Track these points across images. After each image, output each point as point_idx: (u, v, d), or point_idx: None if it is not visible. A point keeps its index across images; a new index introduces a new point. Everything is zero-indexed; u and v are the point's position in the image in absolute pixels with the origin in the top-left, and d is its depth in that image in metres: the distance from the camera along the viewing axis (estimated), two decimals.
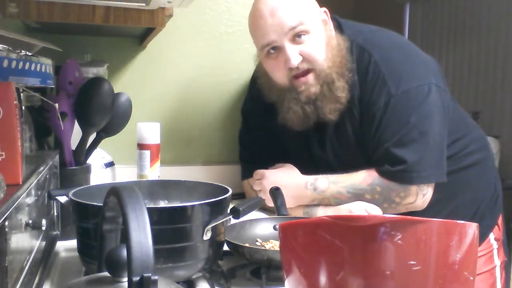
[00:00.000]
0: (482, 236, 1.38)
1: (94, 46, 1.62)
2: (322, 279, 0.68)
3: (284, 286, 0.75)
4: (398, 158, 1.26)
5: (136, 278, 0.49)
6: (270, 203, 1.30)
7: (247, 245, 1.02)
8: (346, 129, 1.33)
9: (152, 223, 0.52)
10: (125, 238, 0.51)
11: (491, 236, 1.44)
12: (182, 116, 1.72)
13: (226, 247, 0.99)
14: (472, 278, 0.69)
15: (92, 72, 1.45)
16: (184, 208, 0.88)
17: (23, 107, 0.98)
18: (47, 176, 1.02)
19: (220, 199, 0.91)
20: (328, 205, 1.32)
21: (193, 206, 0.88)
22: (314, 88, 1.28)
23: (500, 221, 1.48)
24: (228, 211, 0.92)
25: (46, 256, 0.98)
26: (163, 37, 1.62)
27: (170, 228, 0.85)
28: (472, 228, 0.69)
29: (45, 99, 1.11)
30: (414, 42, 1.41)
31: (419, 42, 3.77)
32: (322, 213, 1.31)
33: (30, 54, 1.01)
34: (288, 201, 1.29)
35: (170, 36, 1.66)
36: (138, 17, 1.24)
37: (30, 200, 0.84)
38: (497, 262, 1.44)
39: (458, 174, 1.35)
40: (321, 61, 1.27)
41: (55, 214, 1.10)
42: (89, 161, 1.23)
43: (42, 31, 1.49)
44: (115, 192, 0.56)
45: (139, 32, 1.53)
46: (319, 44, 1.27)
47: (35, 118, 1.10)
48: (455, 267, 0.67)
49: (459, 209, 1.39)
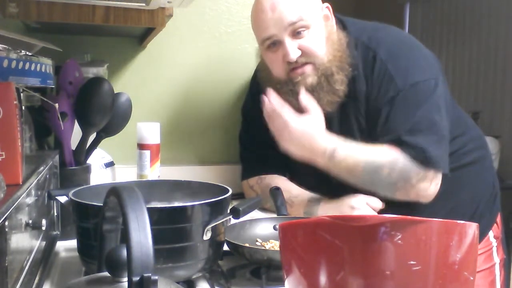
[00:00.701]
0: (481, 234, 1.38)
1: (94, 46, 1.62)
2: (322, 279, 0.68)
3: (284, 286, 0.75)
4: (411, 144, 1.25)
5: (136, 278, 0.49)
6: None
7: (247, 245, 1.02)
8: (351, 125, 1.33)
9: (152, 223, 0.52)
10: (125, 238, 0.51)
11: (491, 234, 1.45)
12: (182, 116, 1.72)
13: (226, 247, 0.99)
14: (472, 278, 0.69)
15: (92, 72, 1.45)
16: (184, 208, 0.88)
17: (23, 107, 0.98)
18: (47, 176, 1.02)
19: (220, 199, 0.91)
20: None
21: (193, 206, 0.88)
22: (310, 78, 1.28)
23: (499, 219, 1.49)
24: (228, 211, 0.92)
25: (46, 256, 0.98)
26: (163, 37, 1.62)
27: (170, 228, 0.85)
28: (472, 228, 0.69)
29: (45, 99, 1.11)
30: None
31: (419, 42, 3.76)
32: (323, 212, 1.31)
33: (30, 54, 1.01)
34: (298, 154, 1.28)
35: (170, 36, 1.66)
36: (138, 17, 1.24)
37: (30, 200, 0.84)
38: (496, 259, 1.46)
39: (457, 172, 1.35)
40: (320, 55, 1.28)
41: (55, 214, 1.10)
42: (89, 161, 1.23)
43: (42, 31, 1.49)
44: (115, 192, 0.56)
45: (139, 32, 1.53)
46: (319, 39, 1.28)
47: (35, 118, 1.10)
48: (455, 267, 0.67)
49: (459, 207, 1.39)
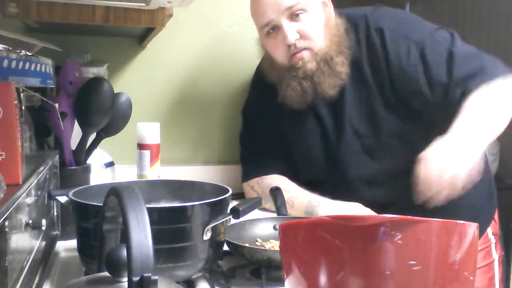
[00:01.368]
0: (480, 230, 1.38)
1: (94, 46, 1.62)
2: (322, 279, 0.68)
3: (284, 286, 0.75)
4: (472, 71, 1.27)
5: (136, 278, 0.49)
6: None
7: (247, 245, 1.02)
8: (375, 104, 1.34)
9: (152, 223, 0.52)
10: (125, 238, 0.51)
11: (489, 230, 1.46)
12: (182, 116, 1.72)
13: (226, 247, 0.99)
14: (472, 278, 0.69)
15: (92, 72, 1.45)
16: (184, 208, 0.88)
17: (23, 107, 0.98)
18: (47, 176, 1.02)
19: (220, 199, 0.91)
20: None
21: (193, 206, 0.88)
22: (310, 64, 1.30)
23: (496, 216, 1.51)
24: (228, 211, 0.92)
25: (46, 256, 0.98)
26: (163, 37, 1.62)
27: (170, 228, 0.85)
28: (472, 228, 0.69)
29: (45, 99, 1.11)
30: None
31: None
32: (323, 213, 1.31)
33: (30, 54, 1.01)
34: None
35: (170, 36, 1.66)
36: (138, 17, 1.24)
37: (30, 200, 0.84)
38: (495, 256, 1.47)
39: None
40: (319, 39, 1.30)
41: (55, 214, 1.10)
42: (89, 161, 1.23)
43: (42, 31, 1.49)
44: (115, 192, 0.56)
45: (139, 32, 1.53)
46: (317, 23, 1.30)
47: (35, 118, 1.10)
48: (455, 267, 0.67)
49: (457, 204, 1.40)
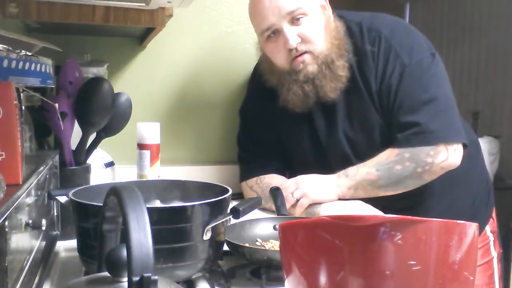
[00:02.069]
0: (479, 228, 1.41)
1: (94, 46, 1.62)
2: (322, 279, 0.68)
3: (284, 286, 0.75)
4: (409, 123, 1.28)
5: (136, 278, 0.49)
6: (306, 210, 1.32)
7: (247, 245, 1.02)
8: (368, 108, 1.34)
9: (152, 223, 0.52)
10: (125, 238, 0.51)
11: (487, 228, 1.48)
12: (182, 116, 1.72)
13: (226, 247, 0.99)
14: (472, 278, 0.69)
15: (92, 72, 1.45)
16: (184, 208, 0.88)
17: (23, 107, 0.98)
18: (47, 176, 1.02)
19: (220, 199, 0.91)
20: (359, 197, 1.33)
21: (193, 206, 0.88)
22: (311, 67, 1.31)
23: (494, 214, 1.52)
24: (228, 211, 0.92)
25: (46, 256, 0.98)
26: (163, 37, 1.62)
27: (170, 228, 0.85)
28: (472, 228, 0.69)
29: (45, 99, 1.11)
30: None
31: None
32: (323, 213, 1.31)
33: (30, 54, 1.01)
34: (325, 194, 1.31)
35: (170, 36, 1.66)
36: (138, 17, 1.24)
37: (30, 200, 0.84)
38: (494, 254, 1.48)
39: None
40: (319, 42, 1.30)
41: (55, 214, 1.10)
42: (89, 161, 1.23)
43: (42, 31, 1.49)
44: (115, 192, 0.56)
45: (139, 32, 1.53)
46: (318, 26, 1.31)
47: (35, 118, 1.10)
48: (455, 267, 0.67)
49: (456, 201, 1.41)
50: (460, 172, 1.37)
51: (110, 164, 1.43)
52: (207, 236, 0.88)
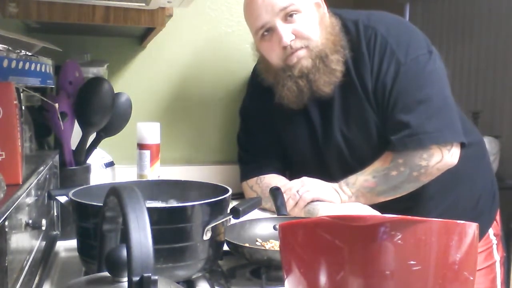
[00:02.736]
0: (481, 232, 1.39)
1: (94, 46, 1.62)
2: (322, 279, 0.68)
3: (284, 286, 0.75)
4: (403, 123, 1.28)
5: (136, 278, 0.49)
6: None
7: (247, 245, 1.02)
8: (364, 106, 1.34)
9: (152, 223, 0.52)
10: (125, 238, 0.51)
11: (490, 231, 1.46)
12: (182, 116, 1.72)
13: (226, 247, 0.99)
14: (472, 278, 0.69)
15: (92, 72, 1.45)
16: (184, 208, 0.88)
17: (23, 107, 0.98)
18: (47, 176, 1.02)
19: (220, 199, 0.91)
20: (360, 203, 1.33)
21: (193, 206, 0.88)
22: (305, 61, 1.31)
23: (498, 217, 1.50)
24: (228, 211, 0.92)
25: (46, 256, 0.98)
26: (163, 37, 1.62)
27: (170, 228, 0.85)
28: (472, 228, 0.69)
29: (45, 99, 1.11)
30: None
31: None
32: (323, 212, 1.31)
33: (30, 54, 1.01)
34: (329, 195, 1.32)
35: (170, 36, 1.66)
36: (138, 17, 1.24)
37: (30, 200, 0.84)
38: (496, 257, 1.47)
39: (456, 164, 1.36)
40: (314, 38, 1.30)
41: (55, 214, 1.10)
42: (89, 161, 1.23)
43: (42, 31, 1.49)
44: (115, 192, 0.56)
45: (139, 32, 1.53)
46: (312, 22, 1.31)
47: (35, 118, 1.10)
48: (455, 267, 0.67)
49: (459, 202, 1.40)
50: (462, 172, 1.37)
51: (110, 164, 1.43)
52: (207, 236, 0.88)
